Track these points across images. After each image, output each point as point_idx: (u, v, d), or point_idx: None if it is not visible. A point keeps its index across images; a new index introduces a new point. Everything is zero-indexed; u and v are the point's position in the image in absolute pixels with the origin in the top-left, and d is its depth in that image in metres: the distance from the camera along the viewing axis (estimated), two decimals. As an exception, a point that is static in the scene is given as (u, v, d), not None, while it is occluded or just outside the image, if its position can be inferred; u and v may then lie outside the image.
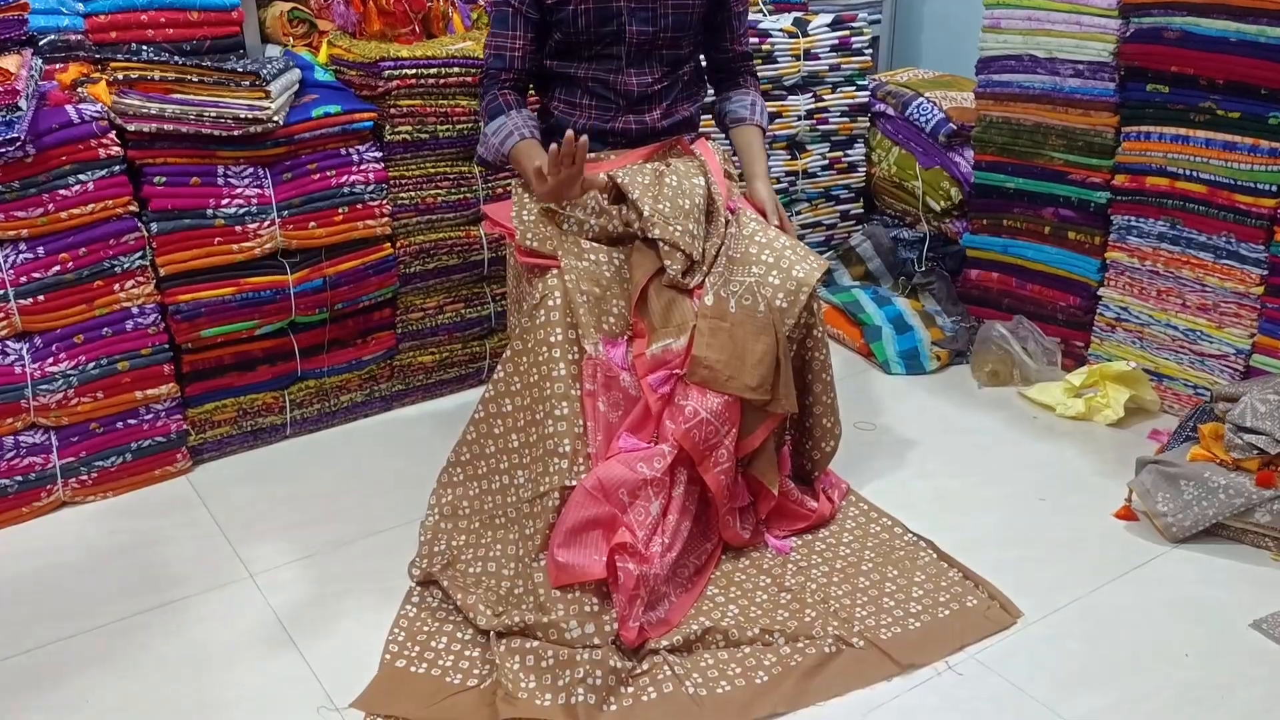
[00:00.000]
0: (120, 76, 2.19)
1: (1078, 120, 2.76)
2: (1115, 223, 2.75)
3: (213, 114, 2.25)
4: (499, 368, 2.12)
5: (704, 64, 2.45)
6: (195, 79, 2.24)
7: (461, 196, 2.66)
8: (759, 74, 2.57)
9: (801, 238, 3.35)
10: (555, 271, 2.08)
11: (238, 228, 2.37)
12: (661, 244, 2.09)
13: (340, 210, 2.48)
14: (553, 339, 2.04)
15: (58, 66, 2.36)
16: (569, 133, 1.96)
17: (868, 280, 3.34)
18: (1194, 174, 2.55)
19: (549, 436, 1.99)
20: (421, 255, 2.65)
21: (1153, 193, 2.64)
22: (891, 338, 3.02)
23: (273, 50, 2.69)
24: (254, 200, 2.37)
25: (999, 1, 2.84)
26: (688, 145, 2.28)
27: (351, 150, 2.49)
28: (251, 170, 2.37)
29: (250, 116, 2.27)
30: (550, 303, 2.05)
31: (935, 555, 2.17)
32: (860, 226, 3.41)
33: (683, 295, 2.11)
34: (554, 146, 1.96)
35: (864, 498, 2.36)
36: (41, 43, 2.32)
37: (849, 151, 3.35)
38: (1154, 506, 2.23)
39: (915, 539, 2.22)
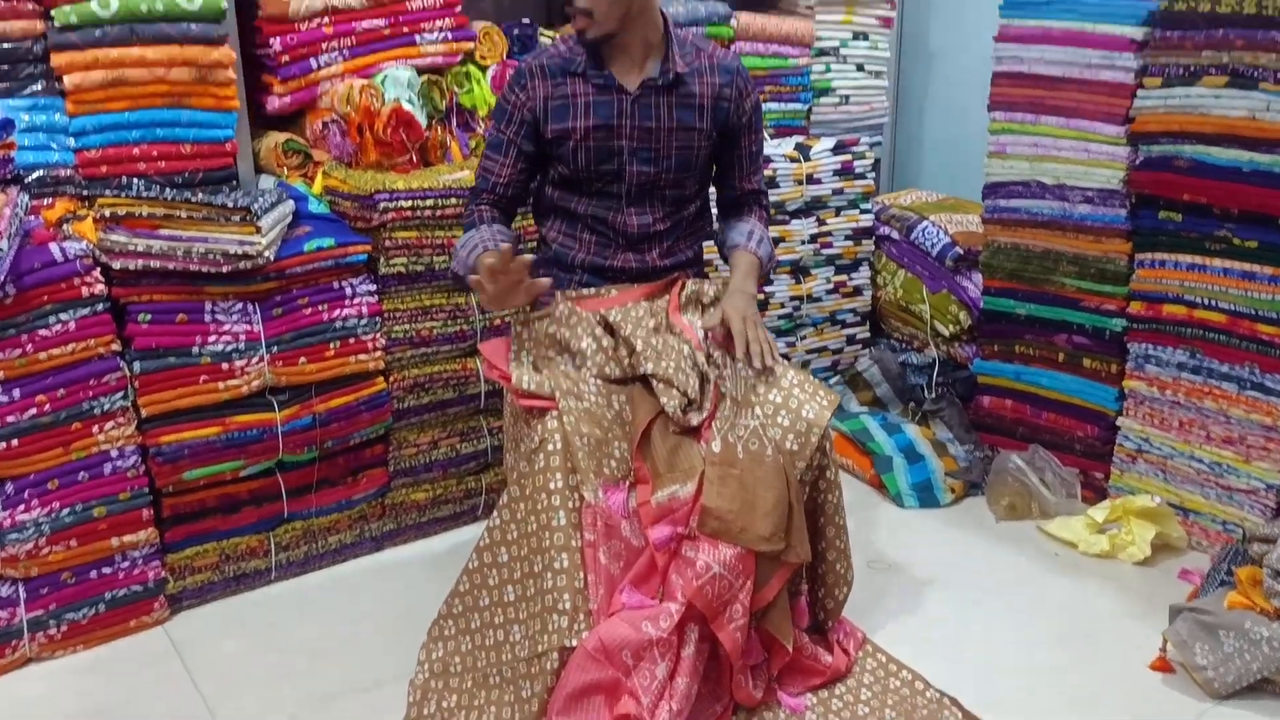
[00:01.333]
0: (107, 213, 2.13)
1: (1089, 246, 2.70)
2: (1132, 351, 2.67)
3: (201, 250, 2.18)
4: (495, 514, 2.01)
5: (713, 197, 2.38)
6: (184, 214, 2.17)
7: (458, 329, 2.59)
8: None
9: (807, 363, 3.27)
10: (554, 413, 1.99)
11: (224, 365, 2.28)
12: (655, 380, 2.00)
13: (332, 345, 2.40)
14: (551, 485, 1.93)
15: (45, 202, 2.31)
16: (504, 245, 1.93)
17: (876, 406, 3.24)
18: (1213, 303, 2.48)
19: (547, 591, 1.87)
20: (416, 390, 2.56)
21: (1170, 321, 2.57)
22: (903, 468, 2.91)
23: (266, 182, 2.64)
24: (242, 336, 2.29)
25: (1004, 127, 2.81)
26: (676, 307, 2.18)
27: (345, 283, 2.42)
28: (240, 306, 2.30)
29: (240, 252, 2.21)
30: (549, 447, 1.95)
31: (961, 716, 2.02)
32: (867, 351, 3.33)
33: (688, 438, 2.01)
34: (488, 260, 1.91)
35: (881, 648, 2.22)
36: (30, 179, 2.27)
37: (854, 275, 3.29)
38: (1192, 659, 2.09)
39: (939, 695, 2.08)
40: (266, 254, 2.23)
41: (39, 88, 2.29)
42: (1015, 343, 2.92)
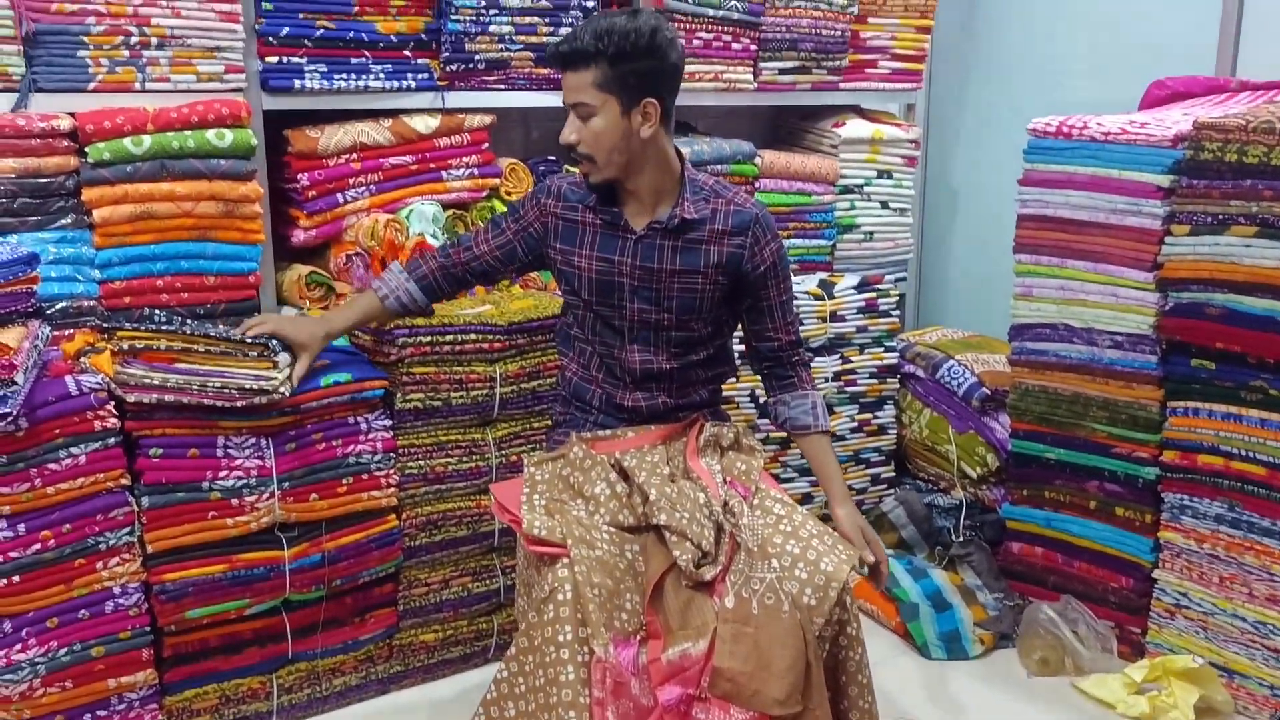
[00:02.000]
0: (125, 346, 2.13)
1: (1120, 392, 2.64)
2: (1167, 501, 2.58)
3: (217, 384, 2.16)
4: (502, 665, 1.93)
5: (748, 346, 2.31)
6: (202, 349, 2.16)
7: (473, 465, 2.54)
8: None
9: (831, 502, 3.19)
10: (565, 561, 1.92)
11: (234, 501, 2.24)
12: (668, 532, 1.94)
13: (344, 481, 2.36)
14: (561, 638, 1.86)
15: (66, 334, 2.31)
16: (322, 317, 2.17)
17: (901, 549, 3.15)
18: (1250, 454, 2.40)
19: (554, 752, 1.78)
20: (428, 527, 2.50)
21: (1206, 471, 2.49)
22: (930, 617, 2.81)
23: (288, 314, 2.64)
24: (253, 472, 2.26)
25: (1029, 270, 2.78)
26: (694, 450, 2.14)
27: (360, 418, 2.39)
28: (253, 440, 2.27)
29: (256, 387, 2.19)
30: (559, 597, 1.88)
31: None
32: (892, 491, 3.26)
33: (701, 593, 1.94)
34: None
35: (908, 817, 2.10)
36: (52, 310, 2.28)
37: (879, 413, 3.24)
38: (1242, 842, 1.95)
39: None
40: (283, 389, 2.21)
41: (68, 221, 2.31)
42: (1045, 488, 2.84)
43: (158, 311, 2.35)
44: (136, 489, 2.17)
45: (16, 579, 2.05)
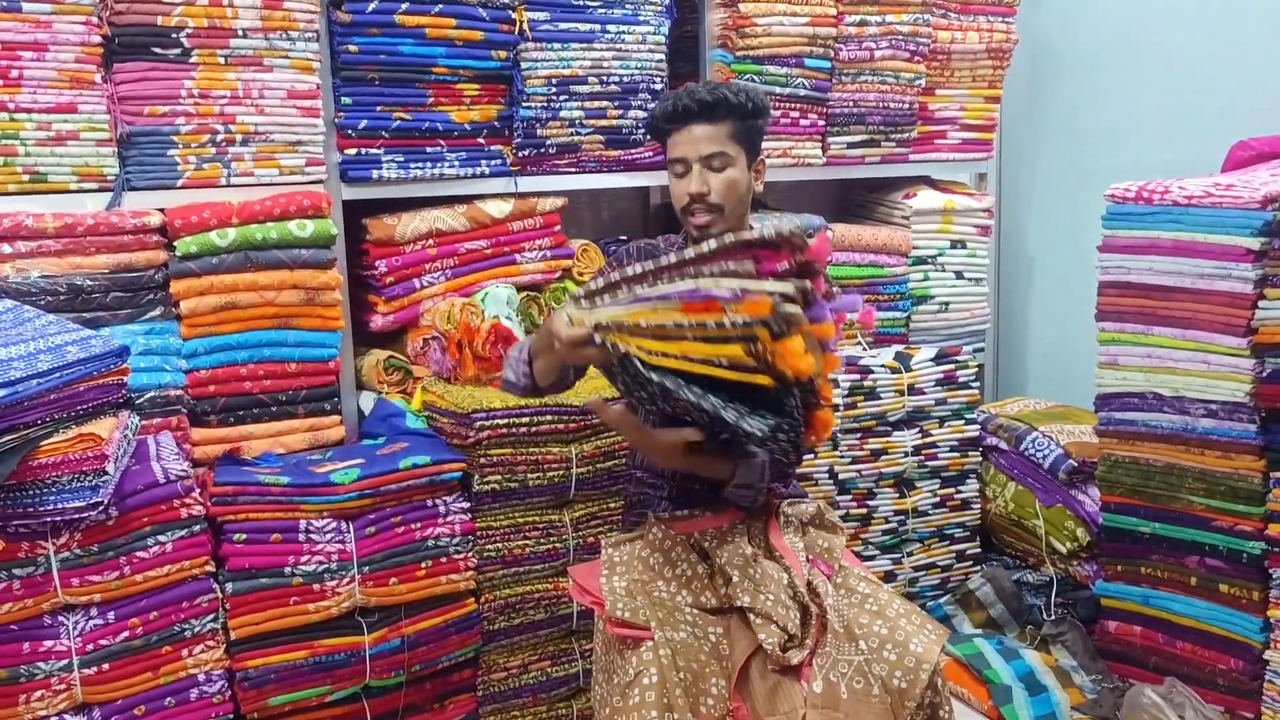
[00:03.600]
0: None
1: (1217, 463, 2.54)
2: (1276, 577, 2.46)
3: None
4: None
5: None
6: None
7: (551, 546, 2.52)
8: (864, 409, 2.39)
9: (914, 580, 3.11)
10: (649, 645, 1.89)
11: (315, 586, 2.25)
12: (752, 615, 1.90)
13: (423, 564, 2.36)
14: (646, 725, 1.81)
15: (155, 421, 2.36)
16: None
17: (990, 628, 3.04)
18: (1362, 526, 2.29)
19: None
20: (507, 610, 2.48)
21: (1315, 545, 2.38)
22: (1025, 701, 2.69)
23: (367, 398, 2.68)
24: (334, 556, 2.27)
25: (1113, 337, 2.71)
26: (776, 529, 2.10)
27: (438, 501, 2.39)
28: (334, 525, 2.28)
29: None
30: (645, 681, 1.84)
31: None
32: (979, 568, 3.16)
33: (788, 677, 1.89)
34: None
35: None
36: (141, 400, 2.33)
37: (961, 488, 3.16)
38: None
39: None
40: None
41: (157, 313, 2.37)
42: (1141, 563, 2.73)
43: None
44: (221, 575, 2.19)
45: (106, 667, 2.06)
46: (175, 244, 2.36)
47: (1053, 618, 2.93)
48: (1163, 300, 2.60)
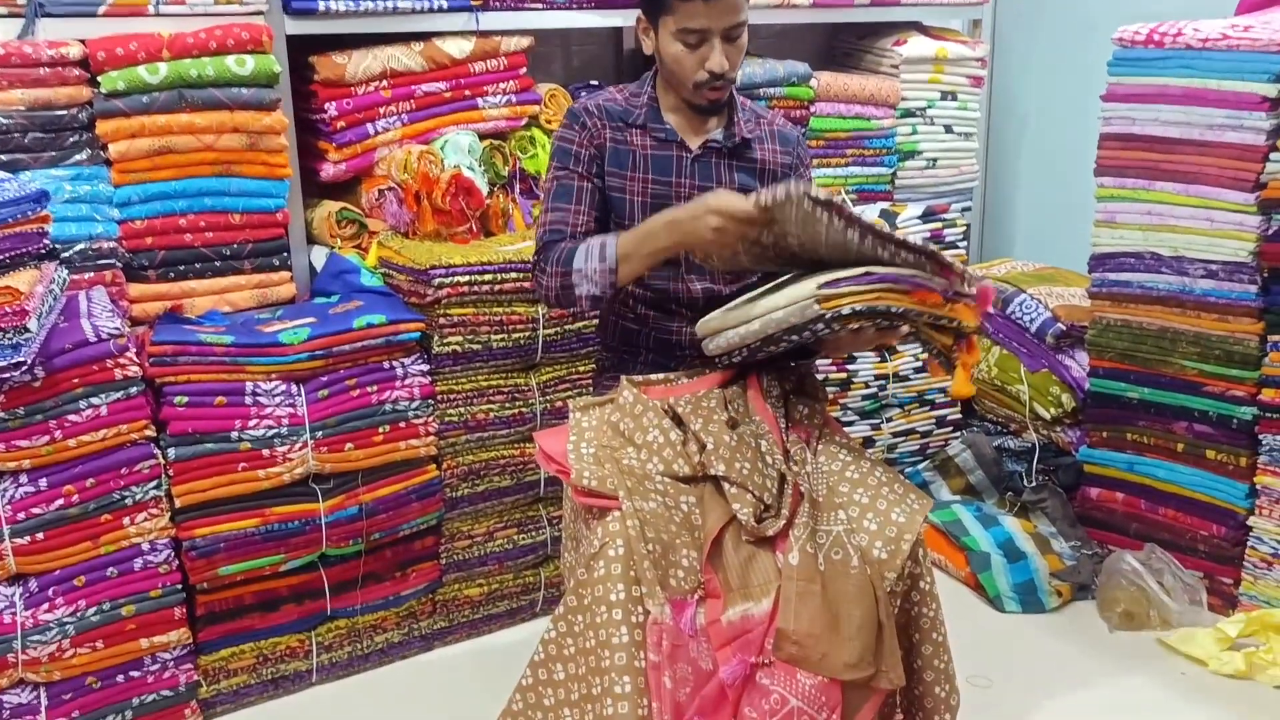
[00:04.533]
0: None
1: (1213, 326, 2.43)
2: (1264, 443, 2.38)
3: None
4: (550, 625, 1.80)
5: None
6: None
7: (516, 411, 2.40)
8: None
9: (893, 447, 3.02)
10: (617, 515, 1.78)
11: (265, 451, 2.12)
12: (726, 483, 1.79)
13: (381, 429, 2.23)
14: (613, 598, 1.71)
15: (87, 276, 2.19)
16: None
17: (969, 495, 2.98)
18: (1362, 393, 2.20)
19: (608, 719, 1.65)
20: (470, 477, 2.37)
21: (1310, 411, 2.29)
22: (1003, 567, 2.64)
23: (318, 253, 2.51)
24: (285, 420, 2.13)
25: (1112, 194, 2.57)
26: (758, 391, 1.97)
27: (396, 363, 2.25)
28: (283, 387, 2.14)
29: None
30: (611, 553, 1.74)
31: None
32: (959, 434, 3.07)
33: (764, 549, 1.79)
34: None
35: (987, 784, 1.96)
36: (69, 253, 2.15)
37: (944, 351, 3.04)
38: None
39: None
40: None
41: (83, 157, 2.18)
42: (1127, 430, 2.65)
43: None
44: (162, 440, 2.06)
45: (40, 536, 1.95)
46: (99, 80, 2.14)
47: (1033, 485, 2.86)
48: (1167, 153, 2.45)
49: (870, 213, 2.96)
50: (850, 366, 2.92)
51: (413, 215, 2.52)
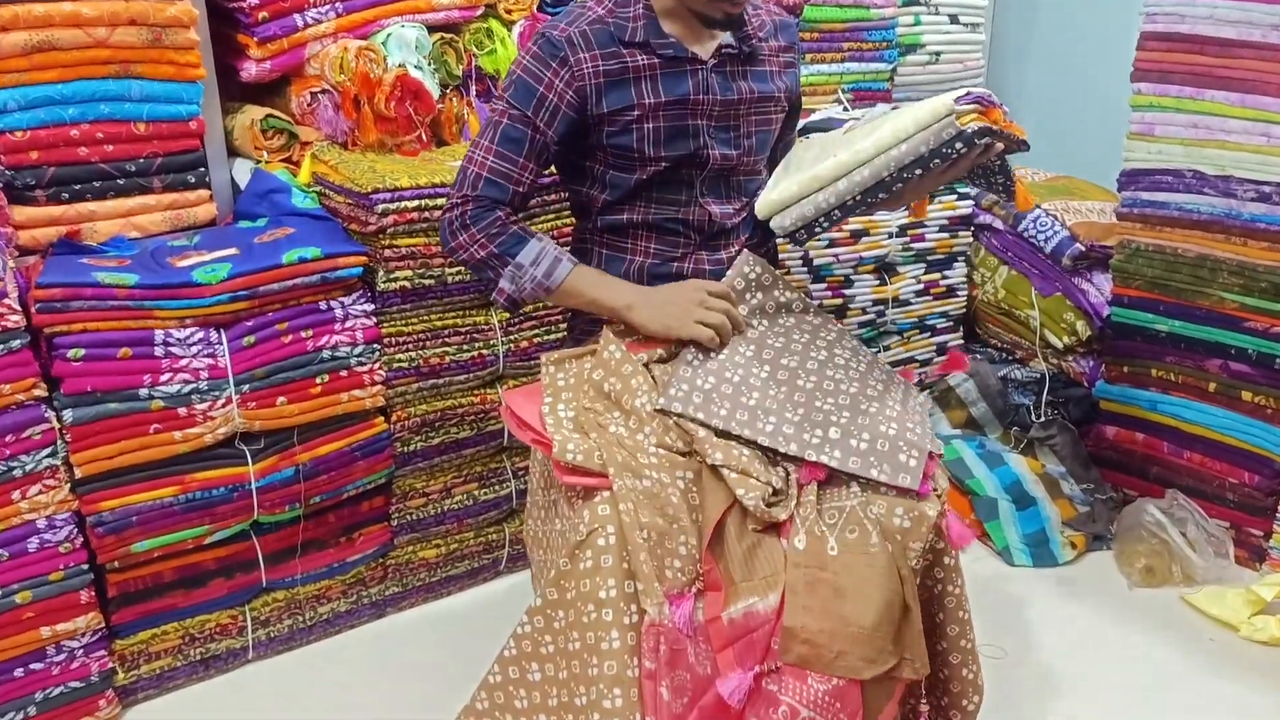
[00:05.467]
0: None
1: (1261, 255, 2.17)
2: (1311, 386, 2.15)
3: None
4: (524, 619, 1.53)
5: None
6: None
7: (476, 354, 2.10)
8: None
9: (890, 377, 2.75)
10: (606, 496, 1.51)
11: (182, 410, 1.81)
12: (726, 471, 1.52)
13: (318, 380, 1.93)
14: (602, 595, 1.46)
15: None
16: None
17: (970, 429, 2.74)
18: None
19: (595, 734, 1.41)
20: (424, 429, 2.08)
21: (1367, 353, 2.05)
22: (1012, 516, 2.42)
23: (242, 168, 2.15)
24: (203, 374, 1.82)
25: (1152, 102, 2.27)
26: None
27: (334, 303, 1.93)
28: (201, 334, 1.82)
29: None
30: (601, 542, 1.47)
31: None
32: (961, 362, 2.82)
33: (769, 535, 1.53)
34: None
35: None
36: (-68, 171, 1.79)
37: (948, 273, 2.77)
38: None
39: None
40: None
41: (-56, 54, 1.80)
42: (1152, 365, 2.41)
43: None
44: (56, 400, 1.74)
45: (-90, 517, 1.64)
46: (-43, -40, 1.75)
47: (1041, 419, 2.63)
48: (1221, 57, 2.15)
49: (874, 117, 2.62)
50: (847, 292, 2.63)
51: (352, 123, 2.17)
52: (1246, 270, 2.20)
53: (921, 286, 2.73)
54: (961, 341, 2.85)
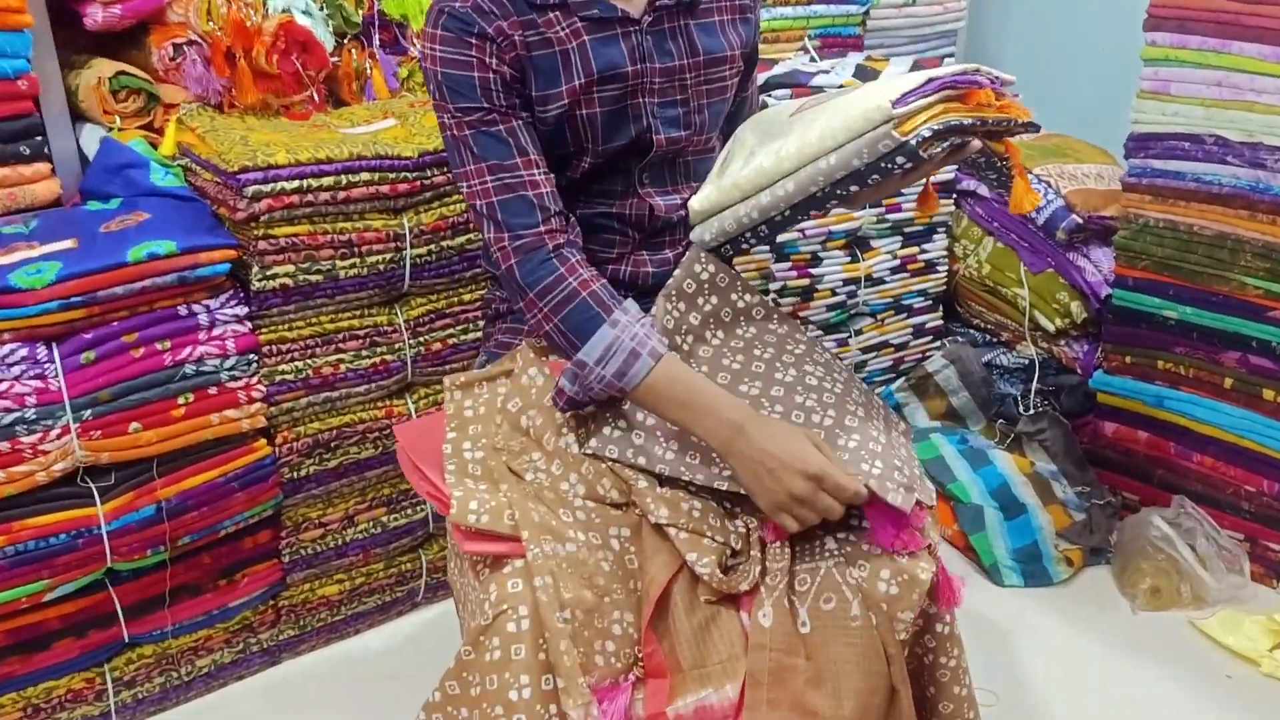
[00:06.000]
0: None
1: (1292, 236, 1.89)
2: (1341, 386, 1.88)
3: None
4: (437, 690, 1.23)
5: None
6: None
7: (378, 360, 1.77)
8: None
9: (861, 365, 2.46)
10: (519, 565, 1.20)
11: (3, 445, 1.47)
12: (674, 531, 1.22)
13: (180, 400, 1.59)
14: (513, 695, 1.16)
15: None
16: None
17: (950, 420, 2.46)
18: None
19: None
20: (317, 450, 1.76)
21: None
22: (999, 527, 2.15)
23: (90, 135, 1.78)
24: (30, 399, 1.48)
25: (1168, 55, 1.96)
26: None
27: (197, 307, 1.59)
28: (24, 351, 1.48)
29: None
30: (510, 627, 1.17)
31: None
32: (940, 345, 2.52)
33: (726, 607, 1.23)
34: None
35: None
36: None
37: (927, 245, 2.45)
38: None
39: None
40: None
41: None
42: (1159, 356, 2.13)
43: None
44: None
45: None
46: None
47: (1030, 411, 2.35)
48: (1252, 2, 1.83)
49: (843, 70, 2.30)
50: (814, 271, 2.31)
51: (226, 81, 1.80)
52: (1274, 252, 1.92)
53: (898, 262, 2.42)
54: (941, 322, 2.55)
